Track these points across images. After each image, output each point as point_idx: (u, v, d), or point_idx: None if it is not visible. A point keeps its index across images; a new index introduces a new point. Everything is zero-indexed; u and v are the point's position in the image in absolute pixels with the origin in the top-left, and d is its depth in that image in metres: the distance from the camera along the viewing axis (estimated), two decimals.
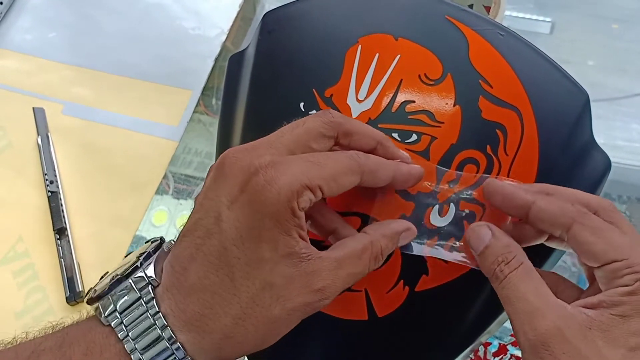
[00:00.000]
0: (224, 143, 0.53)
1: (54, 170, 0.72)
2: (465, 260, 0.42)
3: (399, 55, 0.46)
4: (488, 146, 0.44)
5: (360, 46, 0.46)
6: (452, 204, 0.43)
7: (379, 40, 0.46)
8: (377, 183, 0.39)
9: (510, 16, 0.84)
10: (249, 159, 0.36)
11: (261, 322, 0.36)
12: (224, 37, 0.84)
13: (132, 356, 0.36)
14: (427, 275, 0.44)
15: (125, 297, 0.37)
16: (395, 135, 0.44)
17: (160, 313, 0.36)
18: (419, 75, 0.45)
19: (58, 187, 0.71)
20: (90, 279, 0.66)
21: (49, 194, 0.70)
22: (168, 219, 0.70)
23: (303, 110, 0.46)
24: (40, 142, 0.74)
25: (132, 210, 0.71)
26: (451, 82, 0.45)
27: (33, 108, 0.77)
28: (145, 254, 0.39)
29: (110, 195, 0.72)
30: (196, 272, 0.36)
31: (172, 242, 0.40)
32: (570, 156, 0.46)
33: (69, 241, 0.68)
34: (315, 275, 0.36)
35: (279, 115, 0.47)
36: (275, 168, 0.35)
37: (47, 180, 0.71)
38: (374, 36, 0.47)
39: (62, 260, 0.66)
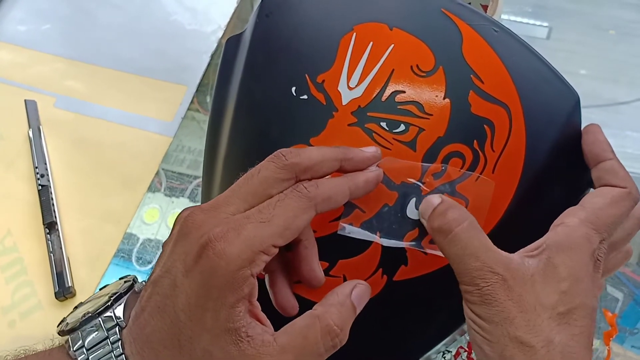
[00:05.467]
0: (215, 125, 0.53)
1: (45, 164, 0.72)
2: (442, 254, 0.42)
3: (393, 45, 0.46)
4: (475, 141, 0.44)
5: (355, 34, 0.46)
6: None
7: (374, 29, 0.47)
8: (335, 206, 0.40)
9: (507, 20, 0.84)
10: (206, 227, 0.37)
11: None
12: (220, 33, 0.84)
13: None
14: (406, 265, 0.44)
15: (94, 335, 0.40)
16: (383, 124, 0.44)
17: (123, 355, 0.38)
18: (411, 66, 0.45)
19: (49, 180, 0.70)
20: (80, 274, 0.66)
21: (40, 187, 0.70)
22: (159, 217, 0.70)
23: (294, 94, 0.47)
24: (31, 135, 0.74)
25: (124, 207, 0.70)
26: (442, 75, 0.45)
27: (25, 100, 0.76)
28: (117, 294, 0.42)
29: (101, 191, 0.71)
30: (153, 327, 0.38)
31: (144, 282, 0.41)
32: (558, 155, 0.46)
33: (58, 236, 0.67)
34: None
35: (270, 99, 0.47)
36: (224, 239, 0.36)
37: (37, 173, 0.71)
38: (369, 25, 0.47)
39: (52, 255, 0.66)
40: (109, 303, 0.41)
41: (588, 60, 0.83)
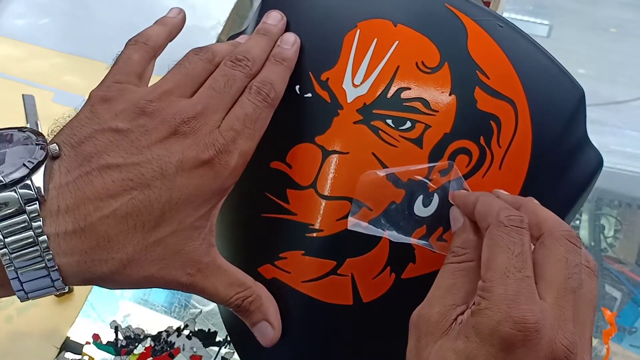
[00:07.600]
0: None
1: None
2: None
3: (397, 42, 0.45)
4: (481, 137, 0.44)
5: (358, 31, 0.46)
6: (441, 193, 0.43)
7: (378, 25, 0.46)
8: (172, 34, 0.50)
9: (508, 18, 0.84)
10: (211, 138, 0.40)
11: (136, 274, 0.39)
12: (220, 29, 0.84)
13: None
14: (414, 263, 0.44)
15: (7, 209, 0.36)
16: (389, 121, 0.44)
17: (44, 234, 0.36)
18: (416, 63, 0.45)
19: None
20: None
21: None
22: None
23: (298, 93, 0.46)
24: None
25: None
26: (448, 71, 0.45)
27: (23, 95, 0.76)
28: (36, 163, 0.37)
29: None
30: (114, 213, 0.38)
31: (57, 148, 0.38)
32: (563, 151, 0.46)
33: None
34: (190, 261, 0.40)
35: None
36: (227, 153, 0.40)
37: None
38: (373, 21, 0.46)
39: None
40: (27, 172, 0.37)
41: (587, 59, 0.84)
